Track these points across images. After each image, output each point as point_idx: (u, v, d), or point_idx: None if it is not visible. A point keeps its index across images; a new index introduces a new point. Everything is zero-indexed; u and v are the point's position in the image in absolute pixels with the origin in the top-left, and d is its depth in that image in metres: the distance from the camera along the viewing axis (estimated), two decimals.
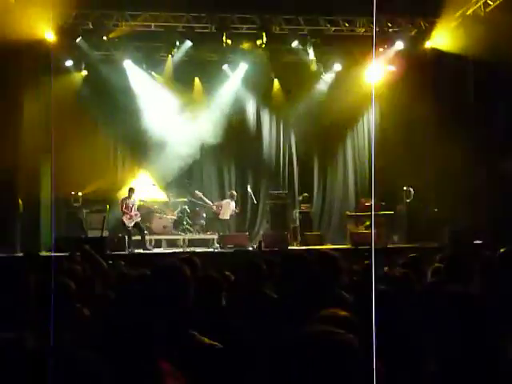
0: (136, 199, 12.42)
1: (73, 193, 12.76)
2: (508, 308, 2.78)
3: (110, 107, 13.61)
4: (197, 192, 13.18)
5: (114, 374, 1.78)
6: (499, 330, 2.11)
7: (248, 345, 2.85)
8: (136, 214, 12.24)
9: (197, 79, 14.24)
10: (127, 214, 12.11)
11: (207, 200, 13.22)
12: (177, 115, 14.08)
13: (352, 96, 13.72)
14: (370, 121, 14.09)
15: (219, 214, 13.02)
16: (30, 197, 11.87)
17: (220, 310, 3.24)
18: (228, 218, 13.03)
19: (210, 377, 2.41)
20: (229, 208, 13.01)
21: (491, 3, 12.08)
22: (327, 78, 14.46)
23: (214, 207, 13.12)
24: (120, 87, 13.54)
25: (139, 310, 2.16)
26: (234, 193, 13.36)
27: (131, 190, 12.38)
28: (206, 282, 3.28)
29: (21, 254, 9.98)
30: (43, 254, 10.30)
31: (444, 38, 13.03)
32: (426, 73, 13.32)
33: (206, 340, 2.53)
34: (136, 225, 12.22)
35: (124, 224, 12.07)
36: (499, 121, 12.04)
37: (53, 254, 10.15)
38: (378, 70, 13.91)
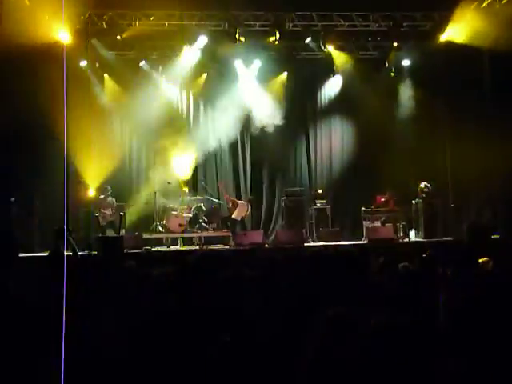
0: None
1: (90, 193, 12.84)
2: None
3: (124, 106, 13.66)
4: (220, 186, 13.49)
5: None
6: None
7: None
8: (110, 214, 12.42)
9: (209, 76, 14.24)
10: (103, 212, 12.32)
11: (216, 200, 13.41)
12: (190, 113, 14.16)
13: (368, 90, 13.70)
14: (384, 115, 13.95)
15: (232, 213, 12.99)
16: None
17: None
18: (239, 219, 13.07)
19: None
20: (243, 210, 13.02)
21: None
22: (341, 72, 14.44)
23: (230, 204, 13.13)
24: (135, 86, 13.60)
25: None
26: (251, 197, 13.59)
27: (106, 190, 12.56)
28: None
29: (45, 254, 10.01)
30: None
31: (459, 31, 12.91)
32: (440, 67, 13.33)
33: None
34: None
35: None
36: None
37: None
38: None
